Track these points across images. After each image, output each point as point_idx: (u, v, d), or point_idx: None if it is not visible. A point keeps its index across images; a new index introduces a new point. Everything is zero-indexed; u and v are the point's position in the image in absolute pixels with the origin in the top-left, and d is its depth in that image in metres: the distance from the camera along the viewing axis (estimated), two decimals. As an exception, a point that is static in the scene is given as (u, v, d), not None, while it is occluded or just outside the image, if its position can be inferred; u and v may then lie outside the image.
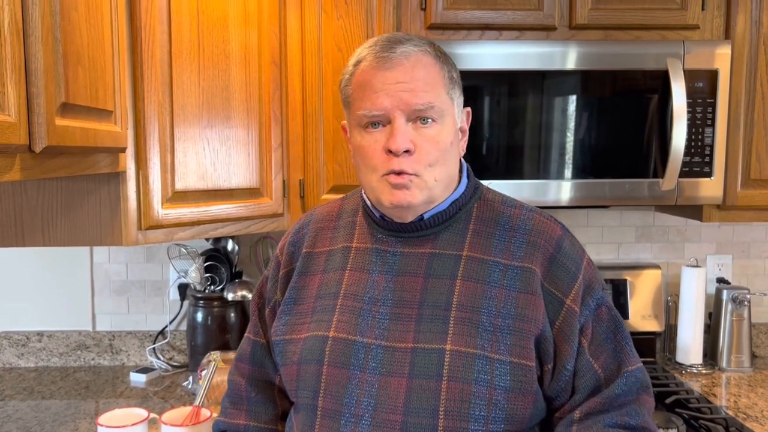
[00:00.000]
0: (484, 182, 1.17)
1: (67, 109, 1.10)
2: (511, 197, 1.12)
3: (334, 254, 1.10)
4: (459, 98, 1.06)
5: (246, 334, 1.23)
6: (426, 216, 1.04)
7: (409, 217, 1.04)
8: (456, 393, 0.94)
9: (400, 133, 0.98)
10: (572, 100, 1.76)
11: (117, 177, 1.47)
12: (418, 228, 1.05)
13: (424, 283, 1.02)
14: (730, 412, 1.74)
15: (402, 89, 0.98)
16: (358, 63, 1.03)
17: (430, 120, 0.99)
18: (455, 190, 1.07)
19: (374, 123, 1.01)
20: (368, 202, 1.10)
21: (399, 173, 0.99)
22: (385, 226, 1.07)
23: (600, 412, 0.99)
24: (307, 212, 1.22)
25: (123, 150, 1.42)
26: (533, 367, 0.97)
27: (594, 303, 1.02)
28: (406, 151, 0.98)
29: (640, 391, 1.02)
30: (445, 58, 1.04)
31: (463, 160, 1.12)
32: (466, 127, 1.09)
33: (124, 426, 1.43)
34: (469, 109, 1.10)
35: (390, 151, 0.99)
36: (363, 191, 1.11)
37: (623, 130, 1.76)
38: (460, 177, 1.10)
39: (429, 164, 1.00)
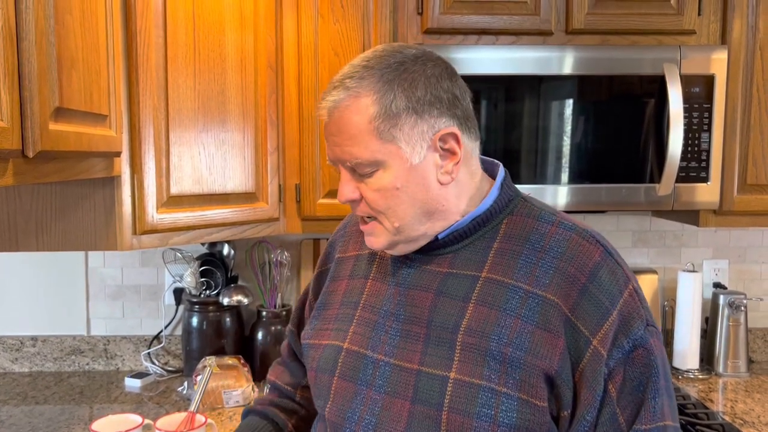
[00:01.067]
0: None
1: (61, 113, 1.09)
2: (553, 212, 0.99)
3: (361, 259, 1.09)
4: (414, 128, 0.91)
5: None
6: (441, 236, 0.97)
7: (406, 252, 0.99)
8: (456, 426, 0.87)
9: (342, 185, 0.96)
10: (569, 104, 1.76)
11: (112, 181, 1.46)
12: (434, 246, 0.98)
13: (434, 300, 0.95)
14: (727, 418, 1.73)
15: (334, 143, 0.94)
16: None
17: (365, 173, 0.93)
18: (479, 204, 0.98)
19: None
20: None
21: (363, 220, 0.98)
22: None
23: None
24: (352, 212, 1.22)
25: (118, 154, 1.41)
26: (545, 408, 0.87)
27: (629, 344, 0.88)
28: (353, 201, 0.96)
29: None
30: (387, 90, 0.90)
31: (501, 168, 1.02)
32: (456, 149, 0.93)
33: (118, 432, 1.42)
34: (453, 129, 0.93)
35: None
36: None
37: (620, 135, 1.76)
38: (490, 189, 1.00)
39: (379, 212, 0.95)
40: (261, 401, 1.23)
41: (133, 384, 1.99)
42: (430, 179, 0.94)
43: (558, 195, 1.76)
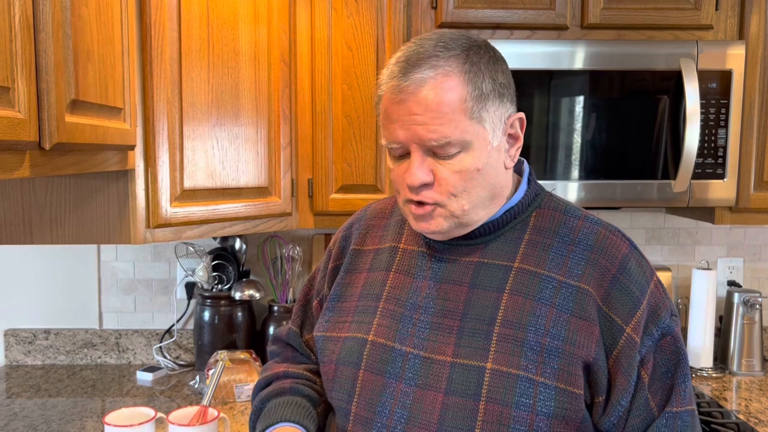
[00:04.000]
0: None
1: (77, 106, 1.10)
2: (577, 207, 1.02)
3: (381, 253, 1.07)
4: (497, 111, 0.94)
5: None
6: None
7: (444, 238, 0.98)
8: (494, 416, 0.88)
9: (415, 168, 0.92)
10: (583, 100, 1.74)
11: (126, 175, 1.46)
12: (467, 236, 0.99)
13: (469, 293, 0.96)
14: (742, 417, 1.72)
15: (415, 122, 0.90)
16: (380, 85, 0.96)
17: (448, 154, 0.92)
18: (511, 197, 1.00)
19: (398, 153, 0.95)
20: None
21: (419, 203, 0.94)
22: None
23: None
24: (364, 206, 1.19)
25: (132, 148, 1.41)
26: (581, 395, 0.89)
27: (658, 332, 0.93)
28: (425, 185, 0.93)
29: None
30: (476, 71, 0.92)
31: (526, 163, 1.05)
32: (520, 134, 0.98)
33: (131, 425, 1.42)
34: (521, 115, 0.98)
35: None
36: None
37: (634, 130, 1.75)
38: (520, 182, 1.02)
39: (452, 194, 0.93)
40: (279, 376, 1.14)
41: (144, 378, 1.99)
42: (500, 163, 0.97)
43: (572, 191, 1.75)
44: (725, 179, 1.76)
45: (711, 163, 1.76)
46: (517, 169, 1.05)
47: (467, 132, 0.91)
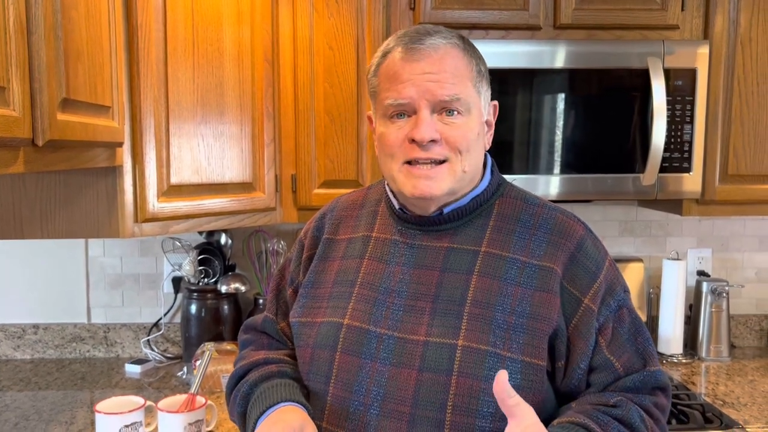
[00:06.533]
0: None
1: (68, 104, 1.14)
2: (535, 195, 1.11)
3: (354, 242, 1.12)
4: (486, 92, 1.07)
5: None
6: (446, 210, 1.05)
7: (431, 208, 1.04)
8: (465, 389, 0.95)
9: (425, 123, 0.99)
10: (558, 97, 1.81)
11: (114, 171, 1.51)
12: (437, 222, 1.06)
13: (440, 277, 1.02)
14: (708, 399, 1.80)
15: (429, 80, 0.99)
16: (386, 53, 1.04)
17: (455, 112, 1.00)
18: (477, 186, 1.07)
19: (399, 113, 1.02)
20: (390, 193, 1.12)
21: (425, 162, 1.00)
22: (404, 218, 1.08)
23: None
24: (334, 199, 1.24)
25: (120, 144, 1.46)
26: (544, 366, 0.97)
27: (615, 304, 1.02)
28: (432, 141, 0.99)
29: (655, 389, 1.02)
30: (473, 52, 1.05)
31: (488, 155, 1.12)
32: (493, 121, 1.09)
33: (121, 412, 1.47)
34: (496, 102, 1.10)
35: (413, 141, 0.99)
36: (386, 182, 1.13)
37: (605, 127, 1.82)
38: (484, 172, 1.10)
39: (459, 151, 1.00)
40: (260, 362, 1.15)
41: (133, 370, 2.04)
42: (483, 141, 1.07)
43: (544, 185, 1.82)
44: (691, 173, 1.84)
45: (678, 157, 1.84)
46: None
47: (472, 97, 1.02)
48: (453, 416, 0.95)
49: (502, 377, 0.85)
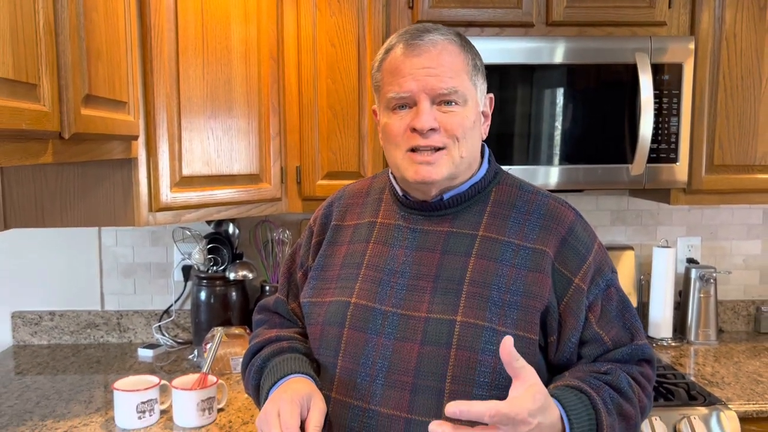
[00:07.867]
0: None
1: (90, 100, 1.24)
2: (529, 183, 1.20)
3: (360, 227, 1.21)
4: (482, 84, 1.14)
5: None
6: (446, 196, 1.13)
7: (433, 192, 1.12)
8: (463, 360, 1.03)
9: (425, 113, 1.06)
10: (551, 92, 1.90)
11: (129, 163, 1.60)
12: (438, 207, 1.14)
13: (441, 259, 1.10)
14: (694, 379, 1.89)
15: (428, 74, 1.06)
16: (388, 50, 1.12)
17: (453, 103, 1.08)
18: (475, 173, 1.15)
19: (401, 105, 1.09)
20: (394, 181, 1.19)
21: (426, 149, 1.07)
22: (407, 204, 1.16)
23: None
24: (341, 188, 1.32)
25: (135, 138, 1.55)
26: (536, 340, 1.05)
27: (604, 283, 1.11)
28: (432, 129, 1.07)
29: (642, 361, 1.12)
30: (469, 47, 1.13)
31: (485, 144, 1.20)
32: (489, 112, 1.17)
33: (138, 389, 1.57)
34: (491, 95, 1.18)
35: (414, 130, 1.07)
36: (390, 170, 1.20)
37: (598, 119, 1.91)
38: (482, 162, 1.17)
39: (456, 138, 1.08)
40: (272, 339, 1.22)
41: (145, 354, 2.13)
42: (480, 130, 1.15)
43: (538, 174, 1.91)
44: (678, 163, 1.93)
45: (665, 148, 1.92)
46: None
47: (468, 90, 1.10)
48: (452, 385, 1.03)
49: (507, 342, 0.93)
